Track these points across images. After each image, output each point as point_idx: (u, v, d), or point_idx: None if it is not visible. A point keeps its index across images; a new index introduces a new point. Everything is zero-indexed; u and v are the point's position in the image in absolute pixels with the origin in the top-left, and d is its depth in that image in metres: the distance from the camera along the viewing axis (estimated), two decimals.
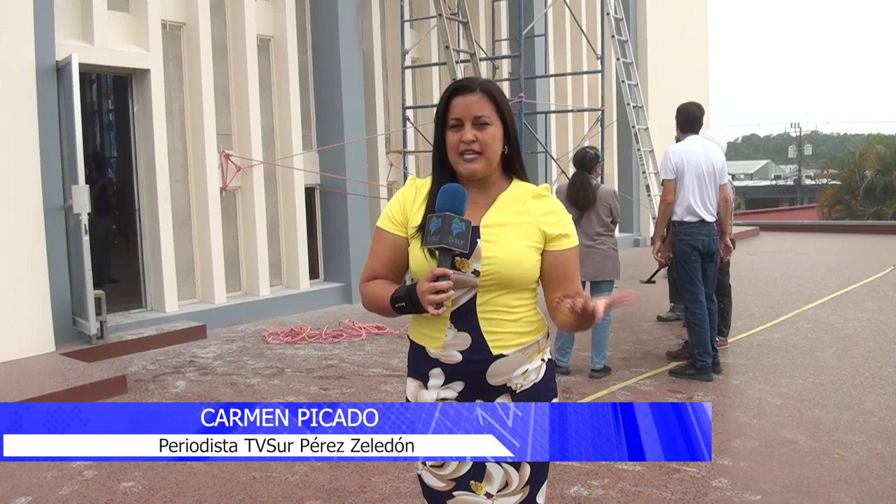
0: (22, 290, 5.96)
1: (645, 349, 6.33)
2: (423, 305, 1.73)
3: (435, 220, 1.72)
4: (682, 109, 5.52)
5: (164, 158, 7.31)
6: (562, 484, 3.58)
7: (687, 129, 5.47)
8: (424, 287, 1.72)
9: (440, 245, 1.71)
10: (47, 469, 3.90)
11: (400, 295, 1.81)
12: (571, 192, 5.43)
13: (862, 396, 4.88)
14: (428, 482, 1.95)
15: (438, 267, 1.72)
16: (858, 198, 26.96)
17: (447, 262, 1.73)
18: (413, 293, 1.77)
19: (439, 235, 1.70)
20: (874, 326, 6.97)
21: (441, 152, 1.91)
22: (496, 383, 1.87)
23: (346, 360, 6.15)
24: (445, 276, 1.71)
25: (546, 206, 1.91)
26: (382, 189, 9.57)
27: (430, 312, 1.72)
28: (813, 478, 3.63)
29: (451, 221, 1.70)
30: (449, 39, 8.23)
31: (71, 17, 6.70)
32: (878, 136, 30.85)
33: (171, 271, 7.40)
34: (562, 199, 5.40)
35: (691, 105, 5.52)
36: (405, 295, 1.79)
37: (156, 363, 6.14)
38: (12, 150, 5.91)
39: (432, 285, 1.71)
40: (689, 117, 5.47)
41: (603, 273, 5.38)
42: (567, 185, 5.56)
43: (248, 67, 8.03)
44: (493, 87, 1.89)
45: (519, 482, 1.90)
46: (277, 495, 3.55)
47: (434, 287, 1.70)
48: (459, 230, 1.71)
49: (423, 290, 1.72)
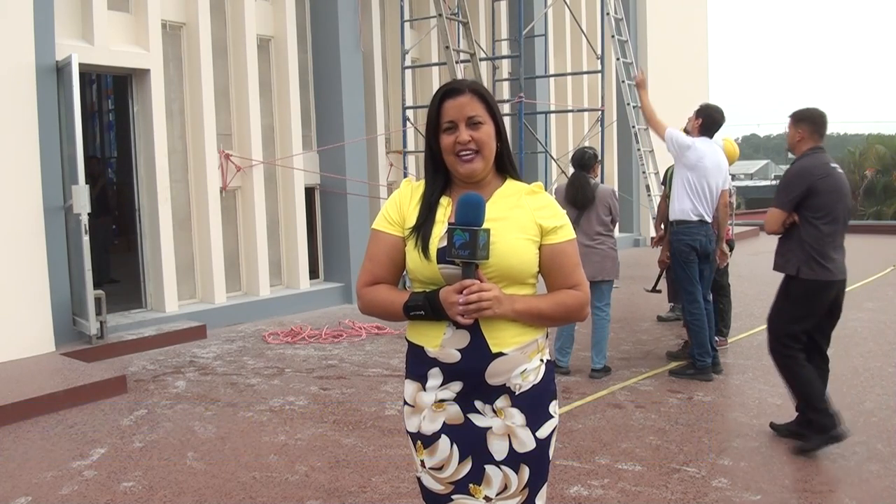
0: (22, 290, 5.96)
1: (645, 349, 6.33)
2: (451, 316, 1.78)
3: (460, 234, 1.74)
4: (711, 112, 5.52)
5: (164, 158, 7.31)
6: (562, 484, 3.58)
7: (705, 132, 5.49)
8: (453, 298, 1.76)
9: (469, 260, 1.74)
10: (47, 469, 3.91)
11: (418, 303, 1.83)
12: (570, 192, 5.44)
13: (862, 396, 4.88)
14: (427, 485, 1.95)
15: (465, 278, 1.76)
16: (858, 198, 26.94)
17: (471, 272, 1.76)
18: (435, 302, 1.80)
19: (469, 250, 1.74)
20: (874, 326, 6.97)
21: (435, 157, 1.92)
22: (495, 383, 1.87)
23: (346, 360, 6.15)
24: None
25: (540, 202, 1.93)
26: (382, 189, 9.56)
27: (461, 321, 1.77)
28: (813, 478, 3.63)
29: (477, 235, 1.73)
30: (449, 39, 8.22)
31: (71, 17, 6.70)
32: (878, 136, 30.80)
33: (171, 271, 7.40)
34: (560, 199, 5.41)
35: (718, 111, 5.54)
36: (425, 303, 1.82)
37: (156, 363, 6.14)
38: (12, 150, 5.91)
39: (465, 297, 1.75)
40: (715, 122, 5.49)
41: (602, 273, 5.38)
42: (566, 185, 5.56)
43: (248, 67, 8.03)
44: (482, 87, 1.94)
45: (518, 485, 1.89)
46: (277, 495, 3.55)
47: (467, 299, 1.75)
48: (485, 241, 1.75)
49: (451, 301, 1.77)
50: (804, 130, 4.10)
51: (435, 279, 1.85)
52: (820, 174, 3.94)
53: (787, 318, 4.03)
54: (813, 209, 3.95)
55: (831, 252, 3.96)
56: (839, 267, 3.99)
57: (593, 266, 5.37)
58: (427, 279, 1.87)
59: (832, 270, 3.94)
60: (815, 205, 3.94)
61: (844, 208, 4.02)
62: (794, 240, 4.02)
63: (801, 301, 3.99)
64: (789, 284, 4.05)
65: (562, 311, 1.89)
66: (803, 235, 3.97)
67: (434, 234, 1.85)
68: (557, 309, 1.88)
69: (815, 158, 4.03)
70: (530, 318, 1.85)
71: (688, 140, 5.40)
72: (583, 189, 5.41)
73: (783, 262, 4.08)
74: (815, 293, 3.97)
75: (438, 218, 1.88)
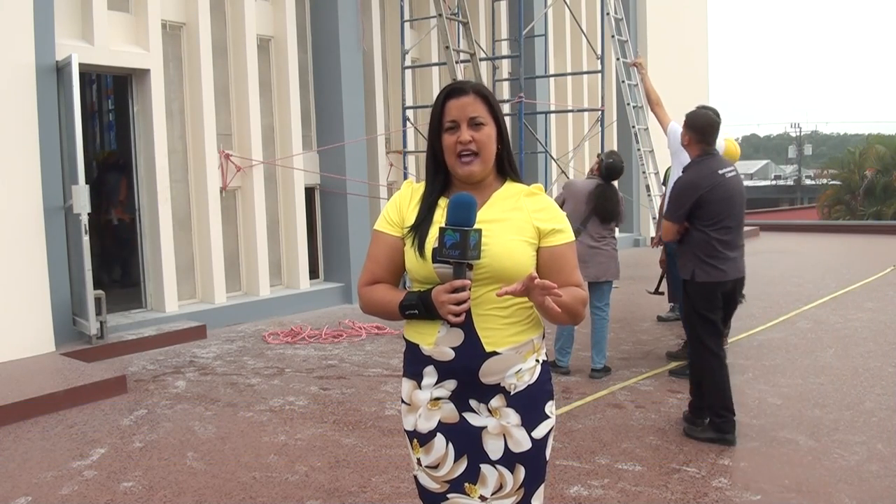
0: (22, 290, 5.96)
1: (645, 349, 6.33)
2: (443, 315, 1.78)
3: (451, 234, 1.74)
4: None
5: (164, 158, 7.31)
6: (562, 484, 3.58)
7: None
8: (444, 298, 1.76)
9: (460, 260, 1.74)
10: (47, 469, 3.91)
11: (412, 303, 1.84)
12: (600, 206, 5.39)
13: (862, 396, 4.88)
14: (423, 483, 1.96)
15: (456, 278, 1.76)
16: (858, 198, 26.92)
17: (463, 272, 1.76)
18: (428, 301, 1.80)
19: (459, 250, 1.73)
20: (874, 326, 6.97)
21: (436, 156, 1.93)
22: (489, 382, 1.87)
23: (346, 360, 6.15)
24: (463, 287, 1.76)
25: (538, 204, 1.93)
26: (382, 189, 9.57)
27: (451, 321, 1.78)
28: (813, 478, 3.63)
29: (468, 236, 1.72)
30: (449, 39, 8.22)
31: (71, 17, 6.70)
32: (878, 136, 30.76)
33: (171, 271, 7.40)
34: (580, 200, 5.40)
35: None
36: (418, 303, 1.83)
37: (156, 363, 6.14)
38: (12, 150, 5.91)
39: (454, 297, 1.75)
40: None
41: (606, 274, 5.41)
42: (593, 196, 5.44)
43: (248, 67, 8.03)
44: (485, 88, 1.95)
45: (513, 485, 1.90)
46: (277, 495, 3.55)
47: (455, 298, 1.75)
48: (475, 241, 1.74)
49: (442, 301, 1.77)
50: (691, 137, 4.31)
51: (431, 278, 1.85)
52: (707, 186, 4.11)
53: (697, 319, 4.20)
54: (703, 218, 4.13)
55: (726, 253, 4.12)
56: (735, 267, 4.18)
57: (598, 267, 5.37)
58: (424, 278, 1.87)
59: (726, 271, 4.13)
60: (705, 214, 4.12)
61: (736, 213, 4.20)
62: (687, 245, 4.22)
63: (702, 301, 4.16)
64: (687, 287, 4.23)
65: (573, 303, 1.85)
66: (693, 241, 4.17)
67: (431, 235, 1.86)
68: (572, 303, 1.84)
69: (702, 168, 4.18)
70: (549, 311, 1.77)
71: None
72: (616, 205, 5.44)
73: (681, 266, 4.28)
74: (711, 293, 4.15)
75: (436, 219, 1.89)
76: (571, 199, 5.52)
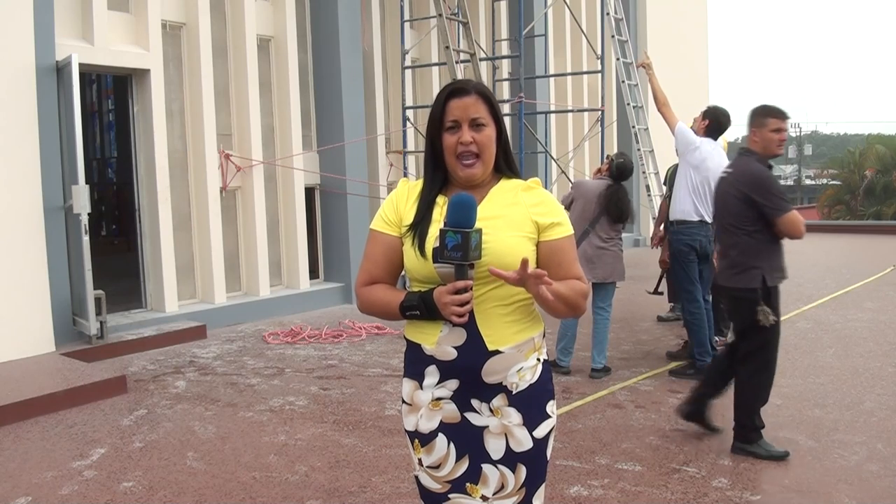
0: (22, 290, 5.96)
1: (645, 349, 6.32)
2: (446, 315, 1.77)
3: (452, 236, 1.72)
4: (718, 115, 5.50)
5: (164, 158, 7.31)
6: (562, 484, 3.58)
7: (710, 133, 5.48)
8: (447, 299, 1.76)
9: (462, 261, 1.73)
10: (47, 469, 3.91)
11: (413, 303, 1.83)
12: (613, 208, 5.39)
13: (862, 396, 4.88)
14: (425, 483, 1.96)
15: (458, 278, 1.75)
16: (858, 198, 26.94)
17: (465, 272, 1.75)
18: (429, 302, 1.80)
19: (461, 252, 1.72)
20: (874, 326, 6.97)
21: (435, 154, 1.92)
22: (491, 381, 1.87)
23: (346, 360, 6.15)
24: (466, 288, 1.75)
25: (536, 198, 1.92)
26: (382, 189, 9.56)
27: (455, 322, 1.78)
28: (813, 478, 3.63)
29: (469, 237, 1.71)
30: (449, 39, 8.22)
31: (71, 17, 6.70)
32: (878, 136, 30.78)
33: (171, 271, 7.40)
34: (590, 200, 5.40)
35: (725, 115, 5.53)
36: (420, 303, 1.82)
37: (156, 363, 6.14)
38: (12, 150, 5.91)
39: (457, 298, 1.75)
40: (721, 126, 5.50)
41: (613, 275, 5.42)
42: (603, 194, 5.44)
43: (248, 67, 8.03)
44: (487, 89, 1.94)
45: (515, 484, 1.89)
46: (277, 495, 3.55)
47: (458, 299, 1.75)
48: (477, 242, 1.74)
49: (445, 302, 1.76)
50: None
51: (432, 278, 1.84)
52: None
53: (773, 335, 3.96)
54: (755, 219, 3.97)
55: None
56: None
57: (605, 268, 5.37)
58: (424, 278, 1.86)
59: None
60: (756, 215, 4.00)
61: None
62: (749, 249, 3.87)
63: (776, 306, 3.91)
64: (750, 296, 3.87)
65: (573, 295, 1.85)
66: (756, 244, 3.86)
67: (430, 234, 1.85)
68: (571, 294, 1.85)
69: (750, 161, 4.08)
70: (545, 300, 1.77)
71: (696, 140, 5.40)
72: (628, 205, 5.44)
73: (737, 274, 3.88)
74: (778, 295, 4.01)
75: (435, 217, 1.88)
76: (581, 199, 5.51)
